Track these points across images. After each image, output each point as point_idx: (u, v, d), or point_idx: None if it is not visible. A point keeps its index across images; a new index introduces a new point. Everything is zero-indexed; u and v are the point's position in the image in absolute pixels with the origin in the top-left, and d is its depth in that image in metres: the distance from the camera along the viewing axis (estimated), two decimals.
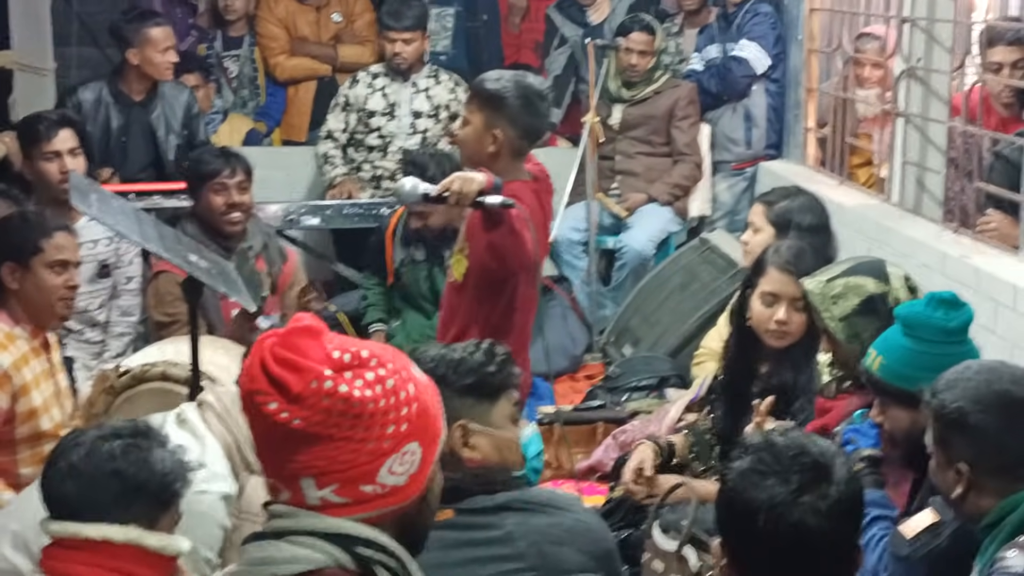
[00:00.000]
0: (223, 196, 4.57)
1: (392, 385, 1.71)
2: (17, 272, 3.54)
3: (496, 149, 3.68)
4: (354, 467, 1.69)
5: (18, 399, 3.47)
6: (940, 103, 5.09)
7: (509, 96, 3.69)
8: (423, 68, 6.20)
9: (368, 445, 1.68)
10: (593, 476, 4.66)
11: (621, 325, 5.84)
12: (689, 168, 6.37)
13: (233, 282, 3.37)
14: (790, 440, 2.19)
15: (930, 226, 4.90)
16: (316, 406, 1.66)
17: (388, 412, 1.70)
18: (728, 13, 6.43)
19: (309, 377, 1.66)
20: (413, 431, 1.73)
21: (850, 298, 3.11)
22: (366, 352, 1.72)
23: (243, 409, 1.72)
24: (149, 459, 2.24)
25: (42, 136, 4.77)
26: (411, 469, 1.73)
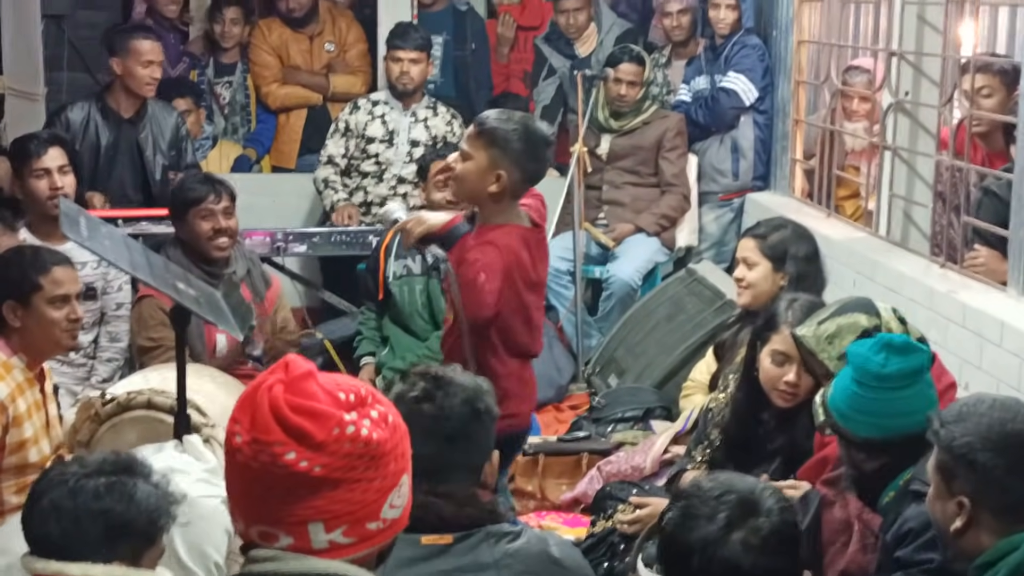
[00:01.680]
0: (210, 222, 4.56)
1: (392, 420, 1.72)
2: (19, 310, 3.53)
3: (498, 190, 3.66)
4: (365, 507, 1.68)
5: (9, 430, 3.45)
6: (928, 137, 5.12)
7: (518, 140, 3.67)
8: (423, 99, 6.23)
9: (376, 483, 1.69)
10: (577, 508, 4.65)
11: (607, 356, 5.84)
12: (676, 199, 6.38)
13: (221, 311, 3.36)
14: (717, 481, 2.25)
15: (917, 260, 4.91)
16: (339, 452, 1.65)
17: (394, 448, 1.71)
18: (716, 45, 6.46)
19: (331, 424, 1.64)
20: (405, 463, 1.74)
21: (845, 336, 3.12)
22: (363, 389, 1.72)
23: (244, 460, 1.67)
24: (135, 496, 2.21)
25: (32, 154, 4.79)
26: (404, 501, 1.75)
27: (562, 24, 6.82)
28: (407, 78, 6.08)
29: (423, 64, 6.12)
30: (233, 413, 1.71)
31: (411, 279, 5.36)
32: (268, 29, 6.96)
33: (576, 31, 6.81)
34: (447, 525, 2.37)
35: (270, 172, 6.99)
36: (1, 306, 3.53)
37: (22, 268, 3.57)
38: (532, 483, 4.77)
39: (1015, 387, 3.91)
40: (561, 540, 2.55)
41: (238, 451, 1.67)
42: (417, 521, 2.23)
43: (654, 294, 5.89)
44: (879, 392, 2.78)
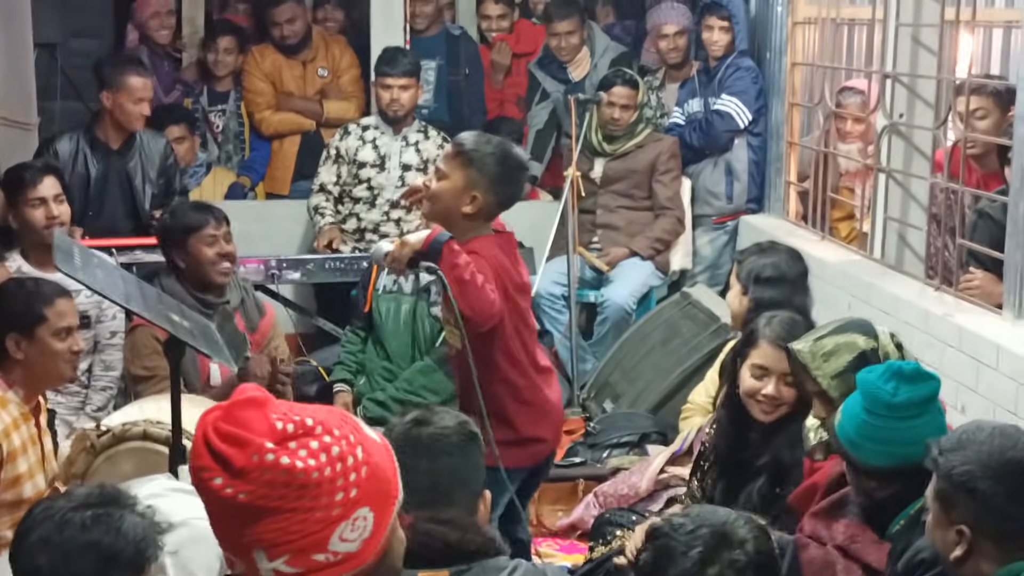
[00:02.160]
0: (214, 247, 4.58)
1: (338, 452, 1.70)
2: (22, 343, 3.51)
3: (473, 211, 3.70)
4: (304, 537, 1.68)
5: (4, 466, 3.42)
6: (922, 159, 5.13)
7: (495, 164, 3.71)
8: (413, 123, 6.22)
9: (316, 514, 1.68)
10: (574, 534, 4.64)
11: (602, 380, 5.83)
12: (671, 222, 6.38)
13: (215, 343, 3.35)
14: (689, 516, 2.26)
15: (912, 283, 4.91)
16: (259, 480, 1.65)
17: (335, 479, 1.69)
18: (710, 68, 6.47)
19: (250, 451, 1.65)
20: (363, 496, 1.71)
21: (842, 355, 3.13)
22: (311, 420, 1.71)
23: (192, 484, 1.71)
24: (121, 527, 2.20)
25: (27, 183, 4.79)
26: (364, 534, 1.72)
27: (554, 47, 6.83)
28: (397, 104, 6.07)
29: (413, 90, 6.11)
30: None
31: (399, 296, 5.35)
32: (261, 55, 6.96)
33: (568, 54, 6.82)
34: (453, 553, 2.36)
35: (264, 199, 6.99)
36: (4, 338, 3.51)
37: (26, 300, 3.55)
38: (528, 509, 4.75)
39: (1012, 411, 3.90)
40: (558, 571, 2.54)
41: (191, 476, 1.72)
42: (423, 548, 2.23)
43: (649, 318, 5.89)
44: (890, 420, 2.77)
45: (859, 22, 5.99)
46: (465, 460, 2.46)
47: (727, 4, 6.33)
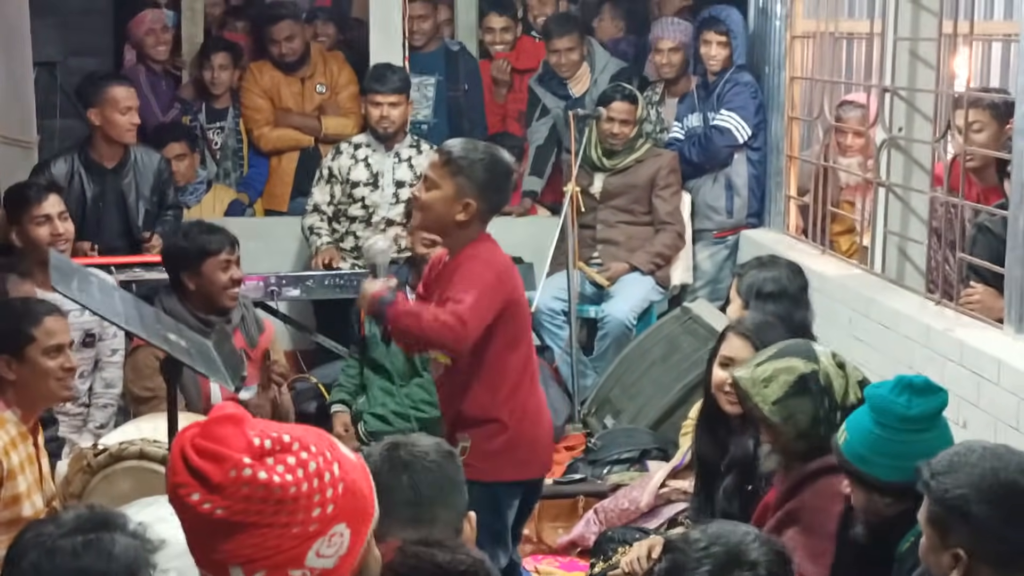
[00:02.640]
0: (228, 273, 4.56)
1: (315, 468, 1.70)
2: (13, 363, 3.51)
3: (467, 218, 3.71)
4: (280, 552, 1.68)
5: (3, 484, 3.41)
6: (922, 172, 5.12)
7: (484, 170, 3.72)
8: (405, 138, 6.20)
9: (293, 529, 1.68)
10: (574, 551, 4.63)
11: (602, 396, 5.81)
12: (671, 237, 6.37)
13: (212, 362, 3.34)
14: (705, 533, 2.23)
15: (913, 297, 4.89)
16: (236, 495, 1.65)
17: (312, 495, 1.70)
18: (708, 82, 6.47)
19: (228, 466, 1.66)
20: (340, 512, 1.72)
21: (781, 380, 3.12)
22: (288, 437, 1.71)
23: (170, 501, 1.71)
24: (113, 551, 2.17)
25: (32, 200, 4.80)
26: (340, 551, 1.72)
27: (553, 63, 6.84)
28: (387, 122, 6.05)
29: (403, 106, 6.08)
30: None
31: None
32: (259, 72, 6.96)
33: (568, 70, 6.82)
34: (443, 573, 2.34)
35: (263, 216, 6.98)
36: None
37: (14, 321, 3.55)
38: (528, 527, 4.73)
39: (1013, 426, 3.89)
40: None
41: (168, 493, 1.71)
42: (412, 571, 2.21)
43: (649, 333, 5.87)
44: (905, 434, 2.75)
45: (858, 36, 5.99)
46: (445, 477, 2.44)
47: (724, 19, 6.33)
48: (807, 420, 3.10)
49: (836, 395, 3.12)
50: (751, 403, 3.15)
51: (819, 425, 3.10)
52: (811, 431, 3.11)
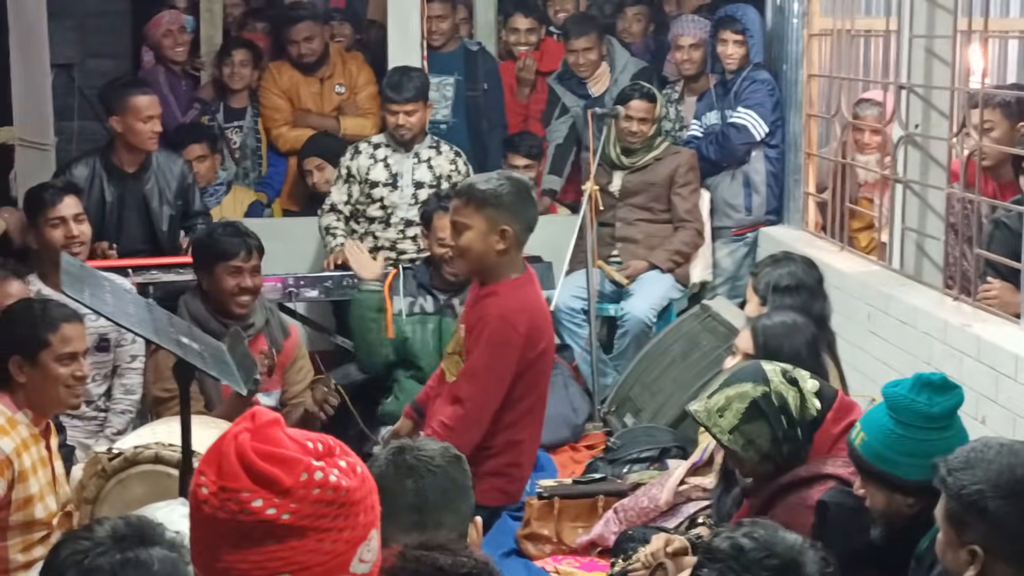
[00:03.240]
0: (236, 279, 4.51)
1: (361, 471, 1.70)
2: (24, 366, 3.52)
3: (506, 246, 3.75)
4: (334, 558, 1.66)
5: (15, 485, 3.43)
6: (939, 169, 5.09)
7: (508, 192, 3.76)
8: (424, 139, 6.20)
9: (345, 534, 1.66)
10: (594, 551, 4.61)
11: (622, 394, 5.80)
12: (690, 235, 6.36)
13: (225, 365, 3.35)
14: (757, 541, 2.18)
15: (931, 293, 4.87)
16: (306, 498, 1.62)
17: (364, 499, 1.69)
18: (726, 80, 6.44)
19: (298, 469, 1.62)
20: (374, 517, 1.72)
21: (734, 408, 3.13)
22: (331, 440, 1.70)
23: (210, 511, 1.64)
24: (152, 567, 2.10)
25: (47, 203, 4.82)
26: (373, 556, 1.72)
27: (572, 63, 6.83)
28: (404, 129, 6.02)
29: (420, 112, 6.04)
30: (199, 466, 1.69)
31: (423, 316, 5.36)
32: (278, 72, 6.97)
33: (587, 70, 6.81)
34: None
35: (281, 216, 6.99)
36: (8, 361, 3.51)
37: (31, 324, 3.55)
38: (548, 527, 4.72)
39: None
40: None
41: (204, 502, 1.65)
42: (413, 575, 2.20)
43: (669, 331, 5.86)
44: (928, 432, 2.74)
45: (874, 34, 5.96)
46: (451, 481, 2.42)
47: (741, 18, 6.31)
48: (767, 442, 3.11)
49: (793, 412, 3.13)
50: (711, 434, 3.17)
51: (780, 445, 3.12)
52: (773, 452, 3.12)
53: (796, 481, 3.09)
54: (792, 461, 3.12)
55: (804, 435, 3.12)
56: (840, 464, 3.08)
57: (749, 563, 2.15)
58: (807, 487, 3.05)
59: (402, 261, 5.91)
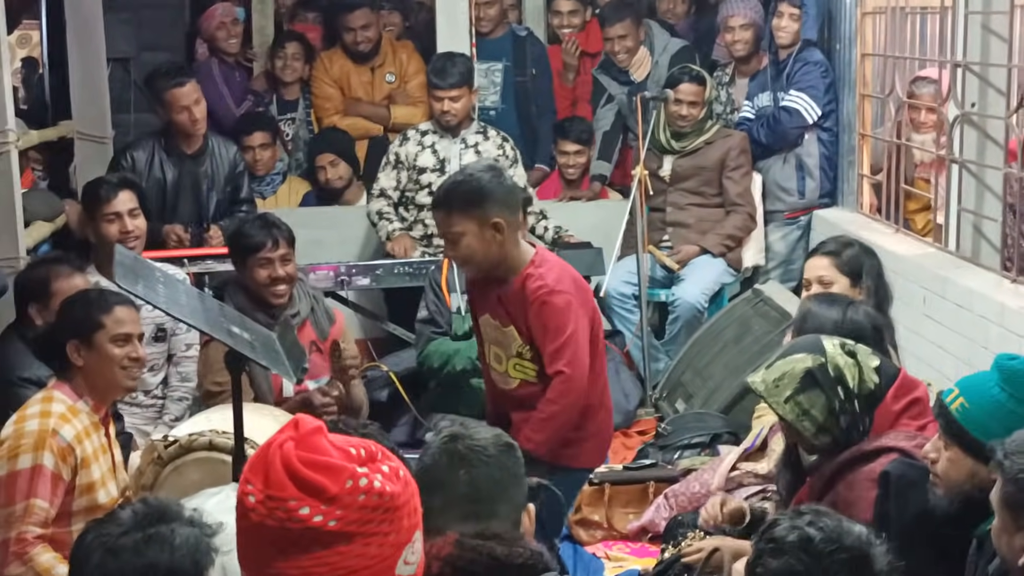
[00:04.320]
0: (267, 270, 4.52)
1: (403, 475, 1.73)
2: (82, 349, 3.59)
3: (503, 236, 3.68)
4: (381, 561, 1.69)
5: (78, 472, 3.51)
6: (996, 148, 5.01)
7: (485, 183, 3.68)
8: (472, 124, 6.20)
9: (391, 538, 1.69)
10: (645, 537, 4.61)
11: (674, 380, 5.78)
12: (742, 219, 6.32)
13: (276, 354, 3.37)
14: (824, 533, 2.14)
15: (988, 275, 4.81)
16: (353, 504, 1.66)
17: (407, 503, 1.71)
18: (779, 61, 6.39)
19: (343, 476, 1.66)
20: (418, 519, 1.75)
21: (790, 378, 3.10)
22: (373, 446, 1.73)
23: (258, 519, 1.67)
24: (174, 542, 2.19)
25: (102, 199, 4.90)
26: (417, 559, 1.74)
27: (608, 51, 6.82)
28: (450, 115, 6.05)
29: (465, 98, 6.06)
30: (244, 473, 1.72)
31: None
32: (330, 61, 7.02)
33: (625, 57, 6.80)
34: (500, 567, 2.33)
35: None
36: (66, 345, 3.58)
37: (86, 308, 3.64)
38: (599, 512, 4.74)
39: None
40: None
41: (252, 510, 1.68)
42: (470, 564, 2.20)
43: (720, 316, 5.83)
44: None
45: (929, 11, 5.87)
46: (504, 470, 2.40)
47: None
48: (822, 413, 3.07)
49: (849, 383, 3.09)
50: (768, 404, 3.15)
51: (837, 416, 3.08)
52: (829, 423, 3.09)
53: (858, 456, 3.06)
54: (851, 435, 3.08)
55: (862, 408, 3.08)
56: (903, 437, 3.05)
57: (818, 555, 2.12)
58: (870, 461, 3.01)
59: None
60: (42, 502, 3.42)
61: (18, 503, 3.42)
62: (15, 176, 4.97)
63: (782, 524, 2.24)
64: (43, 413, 3.50)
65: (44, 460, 3.43)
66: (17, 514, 3.41)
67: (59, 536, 3.48)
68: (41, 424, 3.47)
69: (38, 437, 3.44)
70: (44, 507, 3.43)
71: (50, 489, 3.43)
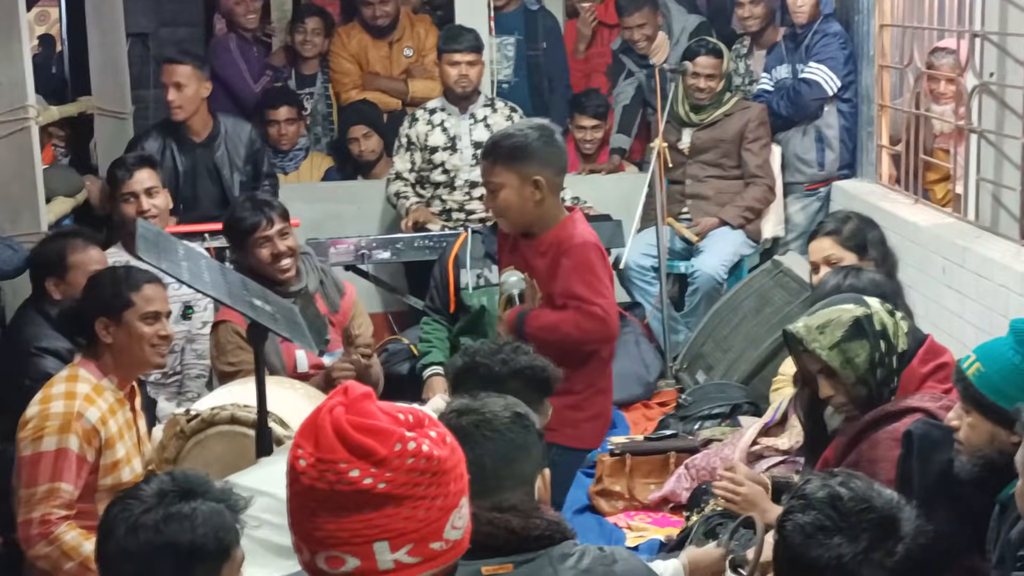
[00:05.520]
0: (268, 248, 4.49)
1: (450, 440, 1.76)
2: (111, 326, 3.60)
3: (542, 195, 3.74)
4: (428, 525, 1.71)
5: (103, 452, 3.54)
6: (1015, 118, 4.99)
7: (532, 142, 3.75)
8: (479, 98, 6.20)
9: (438, 502, 1.72)
10: (666, 507, 4.64)
11: (694, 351, 5.80)
12: (761, 191, 6.32)
13: (298, 327, 3.40)
14: (854, 493, 2.17)
15: (1008, 245, 4.79)
16: (401, 467, 1.68)
17: (454, 468, 1.74)
18: (797, 33, 6.37)
19: (393, 439, 1.68)
20: (464, 484, 1.77)
21: (837, 324, 3.10)
22: (420, 412, 1.76)
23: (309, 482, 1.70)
24: (195, 520, 2.20)
25: (120, 179, 4.95)
26: (464, 523, 1.77)
27: (627, 38, 6.85)
28: (466, 80, 6.04)
29: (479, 66, 6.07)
30: (296, 438, 1.75)
31: (490, 288, 5.32)
32: (348, 36, 7.02)
33: (644, 45, 6.80)
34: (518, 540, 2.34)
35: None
36: (94, 323, 3.60)
37: (115, 285, 3.65)
38: (620, 483, 4.76)
39: None
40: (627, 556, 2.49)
41: (303, 474, 1.71)
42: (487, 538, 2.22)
43: (740, 287, 5.84)
44: None
45: None
46: (511, 443, 2.38)
47: None
48: (865, 363, 3.08)
49: (892, 338, 3.11)
50: (809, 353, 3.12)
51: (876, 368, 3.09)
52: (869, 375, 3.09)
53: (882, 416, 3.07)
54: (882, 392, 3.09)
55: (897, 366, 3.10)
56: (928, 399, 3.06)
57: (847, 513, 2.14)
58: (895, 420, 3.02)
59: (471, 222, 5.93)
60: (67, 485, 3.45)
61: (41, 484, 3.44)
62: (36, 152, 5.00)
63: (813, 483, 2.26)
64: (68, 394, 3.52)
65: (70, 443, 3.46)
66: (40, 495, 3.44)
67: (84, 510, 3.52)
68: (67, 406, 3.49)
69: (64, 419, 3.47)
70: (69, 490, 3.46)
71: (75, 472, 3.47)
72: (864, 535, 2.12)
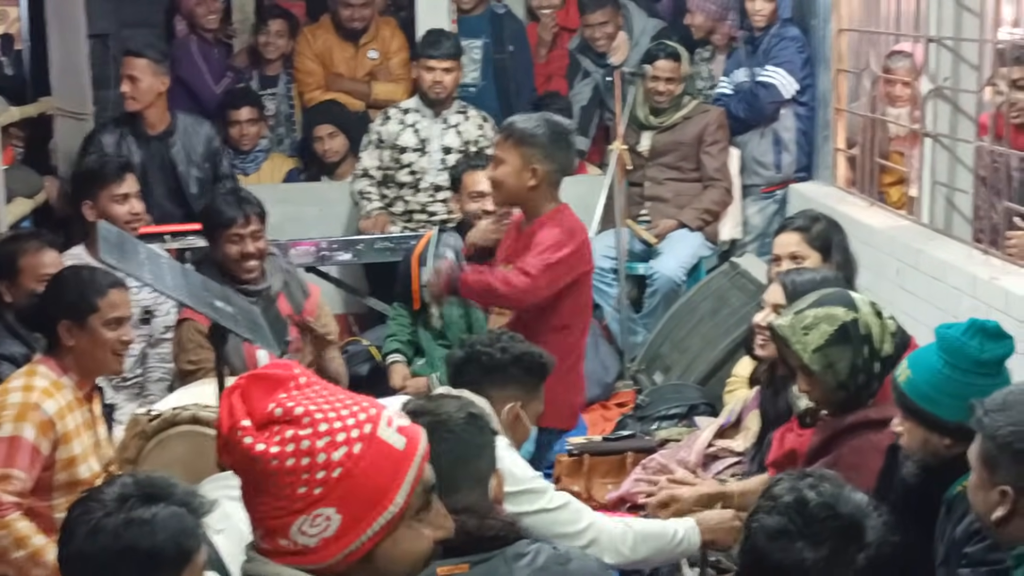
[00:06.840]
0: (238, 246, 4.53)
1: (307, 447, 1.72)
2: (74, 329, 3.59)
3: (536, 183, 4.02)
4: (268, 519, 1.75)
5: (59, 446, 3.53)
6: (968, 122, 5.08)
7: (542, 133, 4.03)
8: (453, 104, 6.23)
9: (279, 502, 1.73)
10: (623, 507, 4.66)
11: (652, 352, 5.85)
12: (719, 193, 6.38)
13: (259, 327, 3.42)
14: (822, 498, 2.19)
15: (960, 247, 4.87)
16: (233, 455, 1.75)
17: (297, 472, 1.71)
18: (755, 37, 6.43)
19: (227, 424, 1.74)
20: (328, 496, 1.72)
21: (822, 328, 3.08)
22: (304, 410, 1.73)
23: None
24: (155, 526, 2.16)
25: (111, 179, 4.94)
26: (324, 534, 1.73)
27: (587, 36, 6.87)
28: (440, 87, 6.09)
29: (456, 72, 6.12)
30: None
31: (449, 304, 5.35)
32: (313, 36, 7.00)
33: (604, 43, 6.83)
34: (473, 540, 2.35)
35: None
36: (57, 325, 3.60)
37: (81, 289, 3.62)
38: (578, 483, 4.77)
39: None
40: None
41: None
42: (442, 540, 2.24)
43: (698, 289, 5.90)
44: (975, 377, 2.72)
45: None
46: (462, 444, 2.41)
47: None
48: (846, 369, 3.07)
49: (875, 344, 3.10)
50: (791, 350, 3.11)
51: (858, 374, 3.09)
52: (849, 380, 3.09)
53: (865, 422, 3.08)
54: (861, 396, 3.10)
55: (879, 372, 3.10)
56: None
57: (811, 519, 2.17)
58: (878, 429, 3.02)
59: (433, 223, 5.96)
60: (20, 472, 3.44)
61: None
62: None
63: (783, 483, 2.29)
64: (26, 387, 3.52)
65: (24, 432, 3.45)
66: None
67: (39, 509, 3.51)
68: (24, 396, 3.49)
69: (20, 408, 3.46)
70: (22, 477, 3.44)
71: (29, 461, 3.45)
72: (827, 542, 2.15)
